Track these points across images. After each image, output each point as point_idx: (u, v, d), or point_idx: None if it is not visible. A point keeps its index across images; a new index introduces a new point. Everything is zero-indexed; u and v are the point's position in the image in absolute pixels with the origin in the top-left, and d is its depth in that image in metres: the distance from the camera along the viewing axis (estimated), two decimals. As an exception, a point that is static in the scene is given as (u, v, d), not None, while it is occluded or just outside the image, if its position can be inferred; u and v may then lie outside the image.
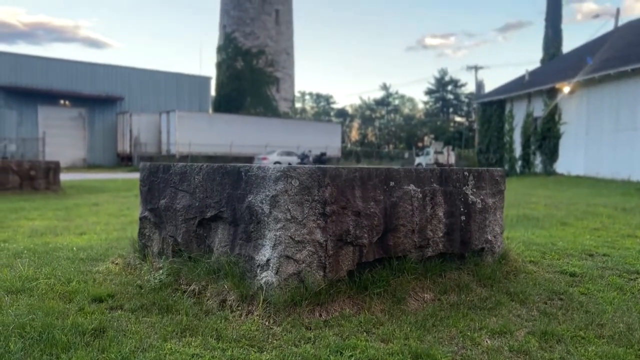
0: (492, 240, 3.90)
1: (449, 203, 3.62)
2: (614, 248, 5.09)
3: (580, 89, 20.94)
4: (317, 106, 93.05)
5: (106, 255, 4.49)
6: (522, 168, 24.44)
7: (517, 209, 8.59)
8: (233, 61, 49.00)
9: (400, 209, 3.33)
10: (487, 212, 3.87)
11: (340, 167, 3.14)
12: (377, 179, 3.27)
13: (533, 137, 23.63)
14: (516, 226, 6.73)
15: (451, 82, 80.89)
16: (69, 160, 34.49)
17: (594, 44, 25.97)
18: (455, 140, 66.22)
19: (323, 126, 51.48)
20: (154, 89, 40.48)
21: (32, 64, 35.03)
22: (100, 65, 38.32)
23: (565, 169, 21.47)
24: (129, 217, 7.97)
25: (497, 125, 26.11)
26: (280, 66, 50.21)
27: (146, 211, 4.05)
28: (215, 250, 3.30)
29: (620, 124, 18.81)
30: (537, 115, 23.59)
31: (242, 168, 3.17)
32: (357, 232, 3.09)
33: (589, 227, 6.62)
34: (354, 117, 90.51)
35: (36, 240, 5.50)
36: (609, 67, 19.02)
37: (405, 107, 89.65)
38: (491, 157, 26.50)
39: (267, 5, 49.16)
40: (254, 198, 3.01)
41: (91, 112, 37.32)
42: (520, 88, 24.58)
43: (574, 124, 21.39)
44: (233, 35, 49.23)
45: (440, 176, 3.62)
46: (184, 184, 3.62)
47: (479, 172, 3.89)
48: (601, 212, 8.26)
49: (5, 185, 11.28)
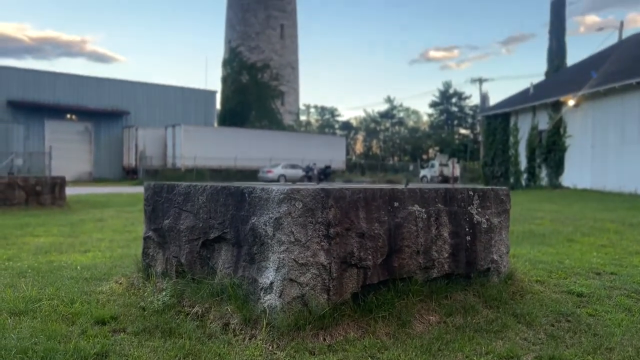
0: (498, 260, 3.87)
1: (454, 223, 3.59)
2: (621, 266, 5.04)
3: (585, 102, 20.91)
4: (321, 119, 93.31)
5: (110, 275, 4.48)
6: (527, 181, 24.35)
7: (522, 224, 8.53)
8: (238, 75, 49.29)
9: (405, 229, 3.31)
10: (492, 232, 3.84)
11: (344, 188, 3.13)
12: (381, 199, 3.26)
13: (538, 150, 23.56)
14: (522, 243, 6.68)
15: (455, 95, 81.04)
16: (75, 174, 34.65)
17: (598, 56, 25.99)
18: (460, 152, 66.13)
19: (327, 139, 51.57)
20: (160, 103, 40.75)
21: (39, 79, 35.39)
22: (107, 80, 38.66)
23: (571, 182, 21.37)
24: (134, 233, 7.97)
25: (502, 138, 26.07)
26: (285, 80, 50.47)
27: (150, 231, 4.04)
28: (218, 272, 3.29)
29: (626, 137, 18.74)
30: (542, 128, 23.55)
31: (245, 189, 3.16)
32: (361, 254, 3.07)
33: (595, 244, 6.56)
34: (358, 129, 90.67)
35: (40, 259, 5.50)
36: (613, 80, 19.00)
37: (410, 119, 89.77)
38: (496, 170, 26.43)
39: (272, 20, 49.56)
40: (258, 220, 2.99)
41: (97, 126, 37.57)
42: (525, 101, 24.57)
43: (579, 137, 21.33)
44: (238, 50, 49.58)
45: (445, 196, 3.60)
46: (188, 204, 3.62)
47: (483, 192, 3.86)
48: (608, 227, 8.19)
49: (12, 200, 11.33)
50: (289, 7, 51.27)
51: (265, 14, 49.49)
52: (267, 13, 49.54)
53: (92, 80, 37.85)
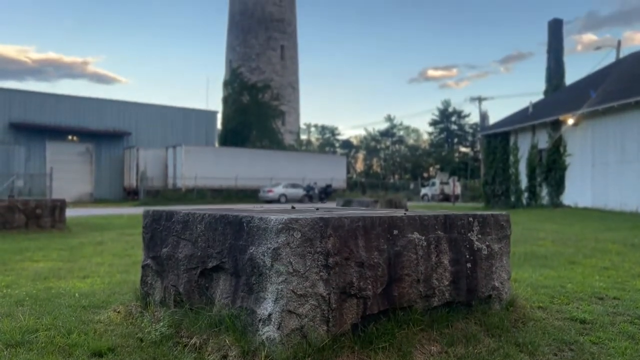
0: (499, 287, 3.83)
1: (454, 250, 3.57)
2: (624, 290, 4.99)
3: (584, 121, 20.99)
4: (322, 138, 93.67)
5: (108, 302, 4.44)
6: (528, 200, 24.31)
7: (524, 245, 8.49)
8: (239, 95, 49.62)
9: (405, 258, 3.28)
10: (493, 259, 3.82)
11: (343, 217, 3.11)
12: (380, 227, 3.24)
13: (539, 169, 23.58)
14: (524, 265, 6.64)
15: (455, 113, 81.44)
16: (76, 195, 34.68)
17: (597, 75, 26.16)
18: (460, 170, 66.24)
19: (328, 158, 51.71)
20: (161, 123, 40.96)
21: (41, 101, 35.64)
22: (108, 101, 38.92)
23: (572, 200, 21.33)
24: (133, 257, 7.94)
25: (502, 157, 26.11)
26: (286, 100, 50.82)
27: (148, 259, 4.02)
28: (217, 302, 3.26)
29: (626, 155, 18.76)
30: (541, 147, 23.60)
31: (244, 218, 3.15)
32: (360, 283, 3.04)
33: (598, 266, 6.52)
34: (359, 148, 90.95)
35: (39, 285, 5.46)
36: (612, 99, 19.10)
37: (410, 137, 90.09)
38: (497, 188, 26.41)
39: (272, 41, 50.09)
40: (256, 250, 2.97)
41: (98, 147, 37.71)
42: (524, 120, 24.66)
43: (579, 155, 21.35)
44: (239, 70, 50.00)
45: (445, 223, 3.59)
46: (187, 233, 3.60)
47: (483, 218, 3.85)
48: (610, 248, 8.15)
49: (12, 224, 11.30)
50: (289, 28, 51.85)
51: (266, 36, 50.03)
52: (268, 34, 50.08)
53: (93, 101, 38.10)
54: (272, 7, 50.66)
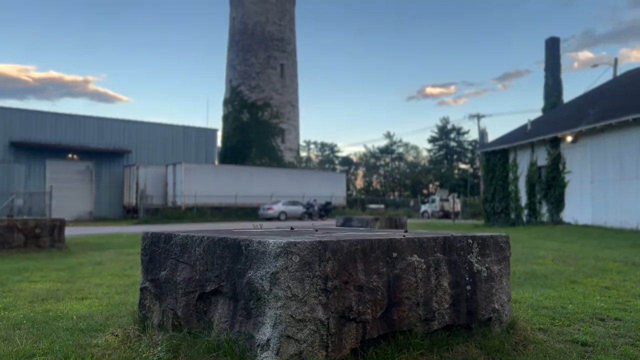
0: (500, 310, 3.81)
1: (454, 273, 3.56)
2: (625, 311, 4.96)
3: (582, 138, 21.06)
4: (322, 155, 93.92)
5: (106, 325, 4.41)
6: (528, 217, 24.28)
7: (524, 264, 8.46)
8: (239, 113, 49.90)
9: (404, 281, 3.27)
10: (493, 281, 3.80)
11: (342, 240, 3.11)
12: (379, 250, 3.23)
13: (538, 186, 23.59)
14: (524, 285, 6.61)
15: (454, 130, 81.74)
16: (75, 214, 34.65)
17: (594, 93, 26.33)
18: (460, 187, 66.30)
19: (328, 175, 51.78)
20: (161, 141, 41.11)
21: (42, 119, 35.82)
22: (108, 119, 39.11)
23: (572, 217, 21.31)
24: (132, 277, 7.89)
25: (501, 174, 26.14)
26: (285, 117, 51.07)
27: (147, 282, 4.00)
28: (215, 326, 3.24)
29: (625, 172, 18.79)
30: (540, 164, 23.65)
31: (242, 242, 3.14)
32: (360, 307, 3.03)
33: (599, 286, 6.49)
34: (358, 165, 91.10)
35: (37, 307, 5.43)
36: (610, 117, 19.19)
37: (410, 154, 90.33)
38: (497, 206, 26.39)
39: (272, 60, 50.51)
40: (254, 274, 2.97)
41: (98, 165, 37.79)
42: (523, 137, 24.75)
43: (578, 172, 21.39)
44: (239, 89, 50.35)
45: (444, 245, 3.58)
46: (185, 256, 3.60)
47: (483, 239, 3.84)
48: (611, 267, 8.11)
49: (11, 243, 11.27)
50: (288, 47, 52.31)
51: (266, 55, 50.45)
52: (268, 53, 50.51)
53: (93, 120, 38.30)
54: (271, 27, 51.17)
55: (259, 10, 50.97)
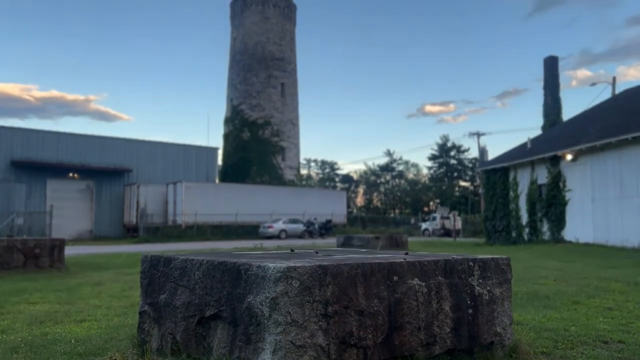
0: (502, 333, 3.78)
1: (455, 296, 3.54)
2: (628, 333, 4.91)
3: (582, 156, 21.10)
4: (322, 172, 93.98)
5: (104, 349, 4.37)
6: (529, 235, 24.20)
7: (526, 284, 8.40)
8: (240, 132, 50.12)
9: (405, 305, 3.25)
10: (494, 304, 3.77)
11: (342, 264, 3.10)
12: (379, 274, 3.22)
13: (539, 204, 23.56)
14: (526, 306, 6.55)
15: (454, 148, 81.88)
16: (75, 232, 34.57)
17: (593, 111, 26.45)
18: (461, 205, 66.17)
19: (328, 193, 51.79)
20: (162, 160, 41.20)
21: (43, 139, 35.97)
22: (109, 138, 39.26)
23: (574, 236, 21.23)
24: (131, 298, 7.84)
25: (501, 193, 26.13)
26: (286, 136, 51.29)
27: (146, 305, 3.98)
28: (214, 352, 3.21)
29: (626, 190, 18.78)
30: (541, 182, 23.65)
31: (242, 266, 3.13)
32: (360, 332, 3.00)
33: (601, 307, 6.43)
34: (359, 182, 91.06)
35: (35, 330, 5.38)
36: (609, 135, 19.25)
37: (410, 172, 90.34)
38: (498, 224, 26.33)
39: (272, 79, 50.92)
40: (254, 299, 2.95)
41: (99, 184, 37.81)
42: (523, 156, 24.80)
43: (579, 191, 21.38)
44: (240, 108, 50.66)
45: (445, 268, 3.56)
46: (184, 279, 3.58)
47: (484, 262, 3.82)
48: (613, 287, 8.06)
49: (10, 264, 11.23)
50: (289, 66, 52.76)
51: (266, 74, 50.87)
52: (268, 73, 50.93)
53: (94, 139, 38.44)
54: (272, 47, 51.67)
55: (260, 31, 51.52)
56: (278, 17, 52.53)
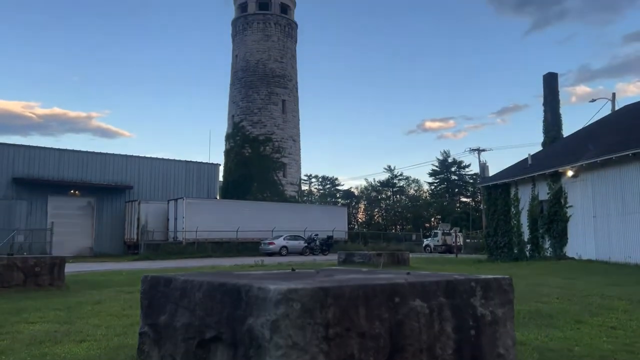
0: (505, 354, 3.74)
1: (457, 317, 3.50)
2: (632, 353, 4.87)
3: (583, 172, 21.10)
4: (323, 188, 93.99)
5: (104, 371, 4.33)
6: (531, 252, 24.10)
7: (528, 303, 8.34)
8: (241, 148, 50.28)
9: (407, 327, 3.22)
10: (497, 324, 3.74)
11: (344, 285, 3.08)
12: (381, 295, 3.19)
13: (540, 221, 23.50)
14: (529, 325, 6.50)
15: (455, 164, 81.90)
16: (76, 250, 34.46)
17: (594, 127, 26.53)
18: (462, 221, 66.00)
19: (329, 209, 51.76)
20: (163, 177, 41.25)
21: (45, 156, 36.07)
22: (111, 155, 39.36)
23: (576, 252, 21.14)
24: (131, 317, 7.79)
25: (503, 209, 26.08)
26: (287, 152, 51.44)
27: (146, 326, 3.95)
28: (214, 375, 3.17)
29: (627, 207, 18.75)
30: (542, 198, 23.62)
31: (242, 287, 3.11)
32: (362, 355, 2.97)
33: (605, 325, 6.38)
34: (360, 198, 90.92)
35: (34, 351, 5.35)
36: (610, 151, 19.28)
37: (411, 188, 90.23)
38: (499, 240, 26.23)
39: (273, 96, 51.28)
40: (255, 321, 2.92)
41: (100, 200, 37.81)
42: (524, 172, 24.80)
43: (580, 207, 21.34)
44: (241, 124, 50.92)
45: (447, 288, 3.54)
46: (185, 300, 3.55)
47: (486, 282, 3.80)
48: (617, 305, 8.01)
49: (10, 282, 11.17)
50: (290, 83, 53.13)
51: (267, 91, 51.21)
52: (269, 90, 51.27)
53: (96, 155, 38.55)
54: (273, 64, 52.09)
55: (261, 48, 51.98)
56: (279, 35, 53.03)
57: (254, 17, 52.83)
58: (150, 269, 19.21)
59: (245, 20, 53.15)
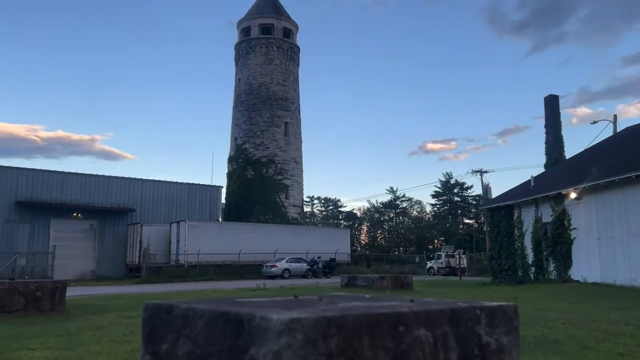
0: (511, 384, 3.68)
1: (462, 346, 3.45)
2: (642, 381, 4.78)
3: (586, 195, 21.05)
4: (325, 210, 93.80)
5: (104, 400, 4.27)
6: (536, 275, 23.90)
7: (534, 328, 8.25)
8: (243, 170, 50.43)
9: (411, 356, 3.17)
10: (502, 353, 3.68)
11: (347, 315, 3.04)
12: (385, 324, 3.15)
13: (544, 243, 23.36)
14: (534, 351, 6.41)
15: (457, 185, 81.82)
16: (77, 273, 34.33)
17: (595, 149, 26.56)
18: (465, 243, 65.68)
19: (332, 231, 51.65)
20: (166, 199, 41.30)
21: (48, 179, 36.21)
22: (113, 178, 39.47)
23: (581, 275, 20.96)
24: (132, 343, 7.72)
25: (506, 231, 25.96)
26: (289, 174, 51.55)
27: (147, 355, 3.89)
28: (216, 406, 3.12)
29: (632, 229, 18.65)
30: (546, 220, 23.52)
31: (244, 316, 3.08)
32: (365, 386, 2.93)
33: (612, 352, 6.29)
34: (362, 220, 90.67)
35: (33, 379, 5.28)
36: (613, 173, 19.26)
37: (414, 209, 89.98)
38: (504, 263, 26.05)
39: (276, 119, 51.65)
40: (257, 352, 2.88)
41: (102, 223, 37.79)
42: (527, 194, 24.75)
43: (584, 229, 21.23)
44: (244, 147, 51.17)
45: (451, 317, 3.49)
46: (186, 329, 3.51)
47: (491, 310, 3.74)
48: (623, 330, 7.90)
49: (10, 307, 11.11)
50: (292, 106, 53.56)
51: (270, 114, 51.60)
52: (272, 112, 51.67)
53: (99, 178, 38.67)
54: (276, 87, 52.59)
55: (264, 72, 52.55)
56: (282, 58, 53.64)
57: (257, 42, 53.53)
58: (151, 293, 19.10)
59: (249, 44, 53.84)
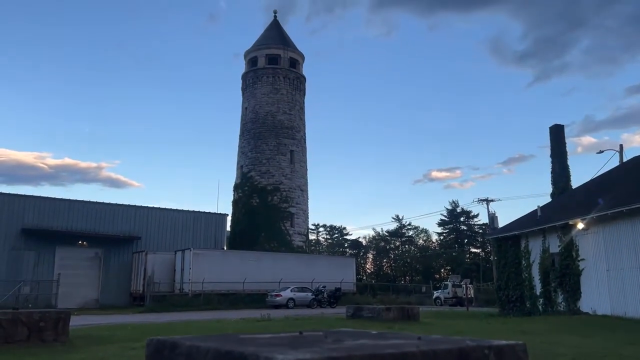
0: None
1: (470, 387, 3.39)
2: (656, 423, 4.65)
3: (594, 225, 20.87)
4: (331, 238, 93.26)
5: None
6: (544, 306, 23.52)
7: (544, 364, 8.08)
8: (249, 198, 50.49)
9: (418, 399, 3.11)
10: (512, 394, 3.61)
11: (353, 355, 3.00)
12: (391, 365, 3.11)
13: (552, 274, 23.06)
14: (545, 389, 6.26)
15: (464, 214, 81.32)
16: (81, 301, 34.14)
17: (602, 178, 26.44)
18: (472, 272, 65.01)
19: (337, 260, 51.32)
20: (171, 227, 41.28)
21: (54, 206, 36.36)
22: (120, 206, 39.58)
23: (590, 307, 20.61)
24: (135, 377, 7.61)
25: (513, 261, 25.67)
26: (295, 202, 51.55)
27: (150, 393, 3.84)
28: None
29: (641, 260, 18.41)
30: (553, 251, 23.28)
31: (249, 357, 3.04)
32: None
33: (625, 390, 6.13)
34: (368, 248, 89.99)
35: (34, 415, 5.20)
36: (621, 204, 19.12)
37: (420, 238, 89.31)
38: (511, 294, 25.68)
39: (282, 147, 51.96)
40: (262, 394, 2.84)
41: (107, 251, 37.74)
42: (534, 224, 24.56)
43: (593, 260, 20.98)
44: (249, 174, 51.36)
45: (460, 356, 3.44)
46: (190, 368, 3.47)
47: (499, 349, 3.69)
48: (636, 367, 7.72)
49: (14, 337, 11.01)
50: (298, 134, 53.92)
51: (276, 142, 51.94)
52: (278, 141, 52.01)
53: (105, 206, 38.79)
54: (282, 116, 53.07)
55: (270, 101, 53.12)
56: (288, 88, 54.25)
57: (263, 71, 54.26)
58: (155, 324, 18.92)
59: (255, 74, 54.56)
